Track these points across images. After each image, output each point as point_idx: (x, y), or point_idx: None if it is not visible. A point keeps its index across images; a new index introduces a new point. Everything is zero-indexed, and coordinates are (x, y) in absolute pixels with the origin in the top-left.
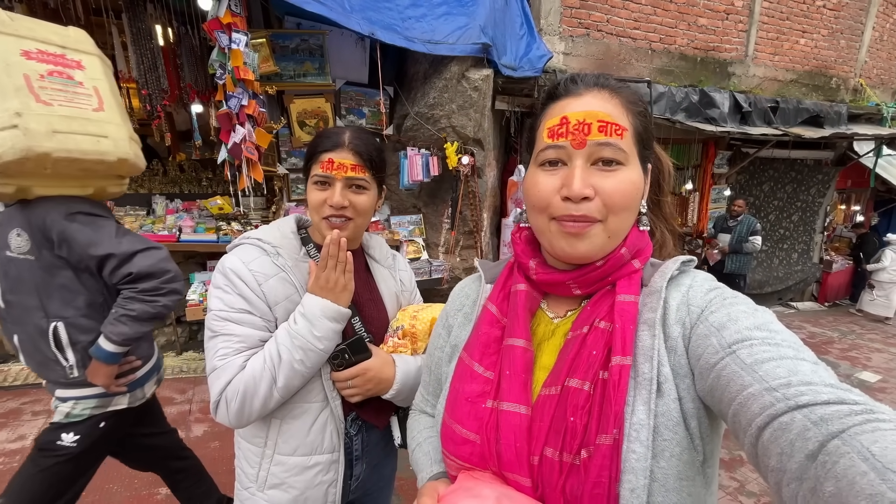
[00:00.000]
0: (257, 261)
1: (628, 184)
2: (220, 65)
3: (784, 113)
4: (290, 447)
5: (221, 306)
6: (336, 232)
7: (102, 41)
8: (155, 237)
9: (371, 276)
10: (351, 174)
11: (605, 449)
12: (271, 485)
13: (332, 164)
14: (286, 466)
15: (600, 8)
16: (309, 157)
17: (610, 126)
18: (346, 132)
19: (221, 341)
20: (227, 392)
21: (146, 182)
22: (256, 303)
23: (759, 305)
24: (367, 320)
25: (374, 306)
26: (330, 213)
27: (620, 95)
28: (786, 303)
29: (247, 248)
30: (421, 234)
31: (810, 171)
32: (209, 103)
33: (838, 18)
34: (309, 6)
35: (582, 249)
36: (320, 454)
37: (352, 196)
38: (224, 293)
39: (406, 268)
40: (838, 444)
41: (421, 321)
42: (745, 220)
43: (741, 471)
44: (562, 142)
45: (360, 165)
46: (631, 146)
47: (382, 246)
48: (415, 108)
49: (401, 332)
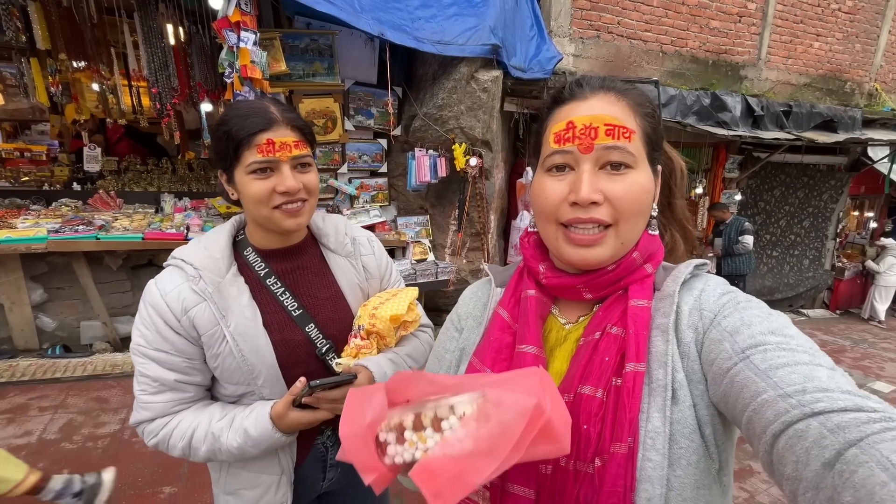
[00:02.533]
0: (176, 290)
1: (638, 187)
2: (229, 64)
3: (797, 117)
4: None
5: (140, 342)
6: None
7: (115, 40)
8: (163, 235)
9: (328, 268)
10: (296, 153)
11: (620, 457)
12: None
13: (272, 145)
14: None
15: (611, 10)
16: (237, 144)
17: (617, 129)
18: (269, 106)
19: (140, 380)
20: (143, 429)
21: (155, 180)
22: (175, 340)
23: (773, 310)
24: (326, 324)
25: (333, 305)
26: (282, 201)
27: (627, 97)
28: (796, 310)
29: (170, 273)
30: (427, 235)
31: (823, 177)
32: (218, 102)
33: (853, 22)
34: (319, 6)
35: (593, 258)
36: (268, 474)
37: (301, 176)
38: (143, 327)
39: (371, 250)
40: (856, 453)
41: (380, 319)
42: (734, 222)
43: (751, 481)
44: (568, 147)
45: (302, 140)
46: (639, 149)
47: (338, 231)
48: (423, 108)
49: (363, 331)
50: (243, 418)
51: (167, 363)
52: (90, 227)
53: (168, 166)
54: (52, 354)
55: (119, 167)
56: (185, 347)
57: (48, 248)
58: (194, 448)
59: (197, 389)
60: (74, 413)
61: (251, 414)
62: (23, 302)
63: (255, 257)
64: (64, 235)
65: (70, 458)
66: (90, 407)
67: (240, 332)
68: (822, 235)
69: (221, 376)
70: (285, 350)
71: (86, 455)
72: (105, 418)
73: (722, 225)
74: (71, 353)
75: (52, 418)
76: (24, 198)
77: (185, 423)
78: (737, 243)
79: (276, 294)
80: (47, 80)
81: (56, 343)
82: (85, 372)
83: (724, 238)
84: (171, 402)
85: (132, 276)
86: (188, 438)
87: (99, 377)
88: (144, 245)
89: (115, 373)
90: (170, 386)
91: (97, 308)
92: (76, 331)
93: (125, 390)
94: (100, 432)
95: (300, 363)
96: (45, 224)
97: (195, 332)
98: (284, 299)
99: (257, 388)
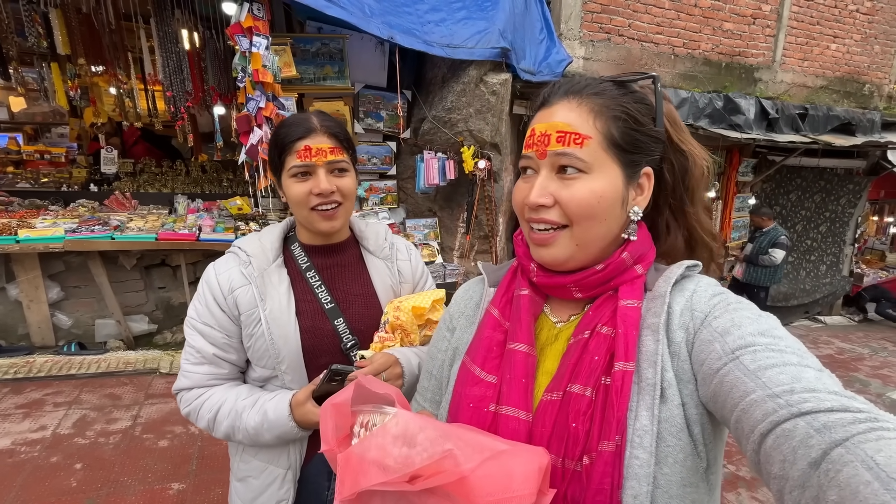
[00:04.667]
0: (228, 272)
1: (586, 192)
2: (242, 68)
3: (813, 120)
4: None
5: (193, 314)
6: None
7: (132, 45)
8: (176, 235)
9: (365, 268)
10: (331, 158)
11: (608, 455)
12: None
13: (309, 151)
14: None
15: (622, 13)
16: (280, 151)
17: (568, 136)
18: (311, 117)
19: (187, 350)
20: (182, 396)
21: (169, 182)
22: (219, 317)
23: (763, 311)
24: (355, 319)
25: (365, 302)
26: (318, 203)
27: (588, 102)
28: (813, 317)
29: (227, 257)
30: (436, 237)
31: (840, 181)
32: (231, 106)
33: (872, 23)
34: (330, 10)
35: (547, 256)
36: (276, 466)
37: (336, 180)
38: (198, 302)
39: (408, 256)
40: (842, 453)
41: (404, 311)
42: (771, 232)
43: (763, 490)
44: (529, 152)
45: (338, 147)
46: (596, 153)
47: (378, 235)
48: (432, 111)
49: (388, 325)
50: (266, 401)
51: (210, 336)
52: (106, 227)
53: (182, 168)
54: (67, 351)
55: (135, 169)
56: (227, 324)
57: (65, 247)
58: (218, 422)
59: (231, 368)
60: (88, 409)
61: (274, 398)
62: (40, 300)
63: (300, 252)
64: (81, 235)
65: (83, 453)
66: (103, 403)
67: (273, 316)
68: (839, 241)
69: (253, 356)
70: (312, 337)
71: (98, 450)
72: (117, 414)
73: (759, 232)
74: (86, 351)
75: (67, 413)
76: (43, 198)
77: (215, 398)
78: (765, 253)
79: (313, 286)
80: (67, 85)
81: (72, 340)
82: (99, 369)
83: (755, 245)
84: (208, 374)
85: (145, 276)
86: (215, 411)
87: (112, 374)
88: (158, 245)
89: (127, 370)
90: (209, 359)
91: (111, 306)
92: (91, 328)
93: (137, 388)
94: (112, 428)
95: (325, 353)
96: (62, 224)
97: (237, 310)
98: (320, 292)
99: (281, 374)
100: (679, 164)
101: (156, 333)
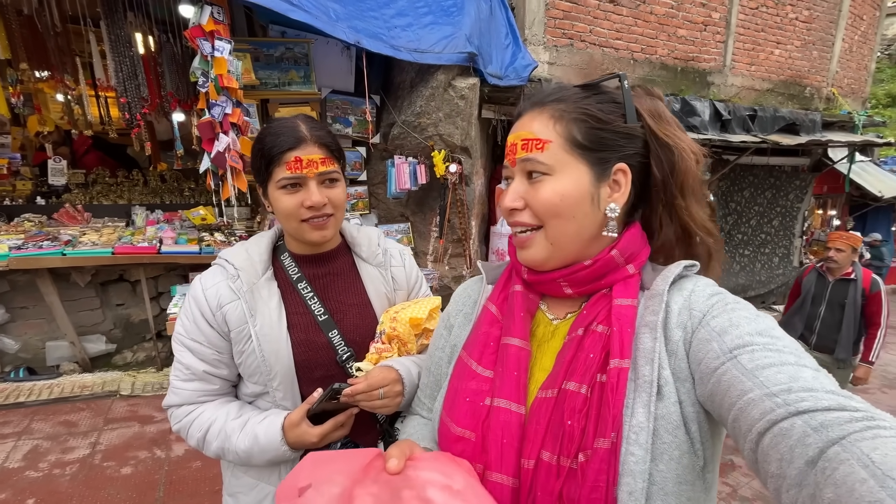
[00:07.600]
0: (215, 287)
1: (550, 192)
2: (203, 73)
3: (762, 121)
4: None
5: (180, 330)
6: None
7: (80, 49)
8: (134, 249)
9: (358, 276)
10: (322, 169)
11: (603, 452)
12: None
13: (300, 162)
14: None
15: (583, 19)
16: (268, 161)
17: (530, 142)
18: (300, 125)
19: (176, 366)
20: (172, 413)
21: (126, 192)
22: (208, 333)
23: (760, 311)
24: (349, 330)
25: (359, 312)
26: (310, 216)
27: (551, 108)
28: (768, 306)
29: (214, 270)
30: (409, 242)
31: (788, 178)
32: (191, 112)
33: (810, 30)
34: (294, 14)
35: (527, 257)
36: (267, 483)
37: (327, 192)
38: (185, 317)
39: (401, 262)
40: (838, 451)
41: (401, 322)
42: None
43: (733, 475)
44: (506, 162)
45: (329, 157)
46: (559, 155)
47: (371, 241)
48: (401, 116)
49: (384, 336)
50: (256, 423)
51: (199, 353)
52: (56, 242)
53: (139, 178)
54: (14, 378)
55: (87, 180)
56: (217, 341)
57: (9, 265)
58: (208, 441)
59: (223, 384)
60: (40, 439)
61: (264, 420)
62: None
63: (290, 262)
64: (27, 252)
65: (35, 487)
66: (57, 432)
67: (264, 332)
68: (789, 234)
69: (244, 372)
70: (305, 351)
71: (53, 483)
72: (74, 443)
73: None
74: (36, 376)
75: (16, 445)
76: None
77: (205, 416)
78: None
79: (305, 298)
80: (8, 91)
81: (20, 365)
82: (52, 395)
83: None
84: (197, 391)
85: (101, 293)
86: (204, 430)
87: (67, 400)
88: (115, 260)
89: (83, 395)
90: (199, 376)
91: (64, 327)
92: (41, 351)
93: (95, 413)
94: (68, 458)
95: (319, 366)
96: (5, 241)
97: (226, 327)
98: (312, 304)
99: (272, 390)
100: (666, 159)
101: (115, 353)
